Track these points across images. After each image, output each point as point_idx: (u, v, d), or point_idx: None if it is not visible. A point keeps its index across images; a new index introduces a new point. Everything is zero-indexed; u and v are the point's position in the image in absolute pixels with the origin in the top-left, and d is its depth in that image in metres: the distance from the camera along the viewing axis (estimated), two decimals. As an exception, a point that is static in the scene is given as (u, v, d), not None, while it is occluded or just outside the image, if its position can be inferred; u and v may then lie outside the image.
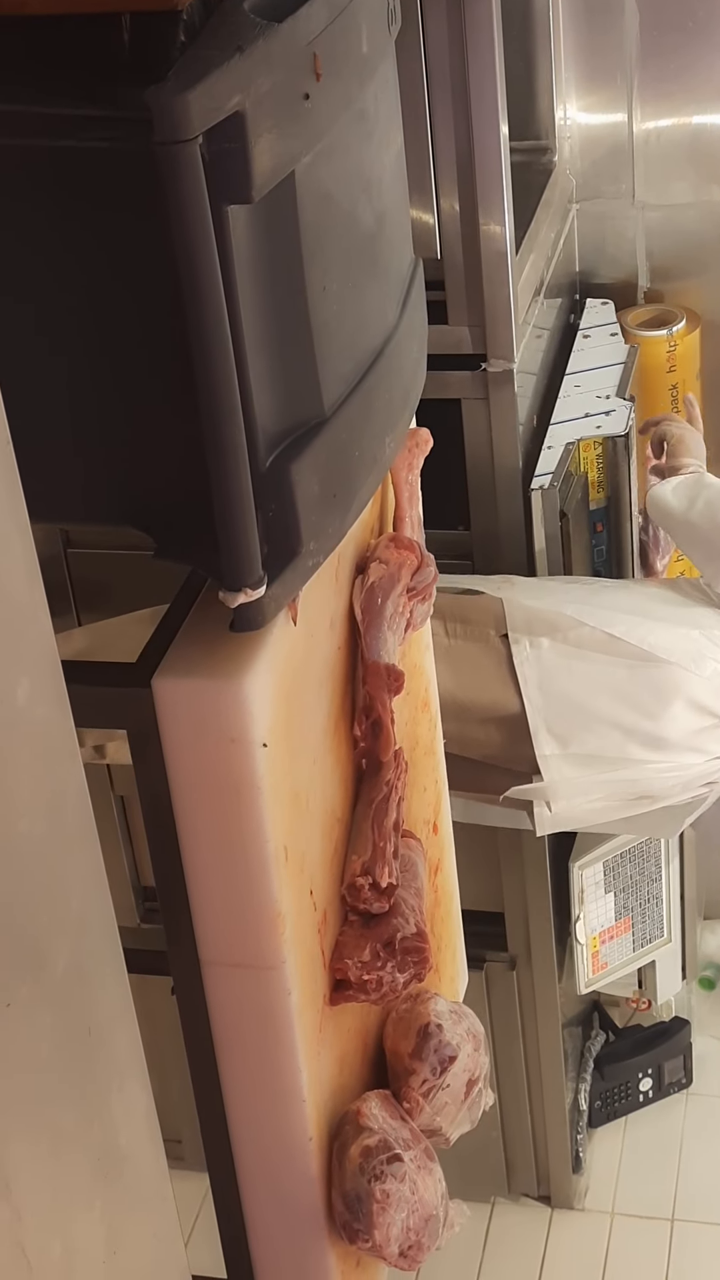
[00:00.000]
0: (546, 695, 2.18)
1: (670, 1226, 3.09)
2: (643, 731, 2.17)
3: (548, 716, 2.18)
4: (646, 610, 2.24)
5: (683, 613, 2.24)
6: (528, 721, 2.18)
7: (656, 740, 2.18)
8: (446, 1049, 1.67)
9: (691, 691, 2.16)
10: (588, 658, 2.18)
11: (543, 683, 2.18)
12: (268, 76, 1.17)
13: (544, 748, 2.19)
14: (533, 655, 2.18)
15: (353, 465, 1.41)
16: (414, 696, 1.79)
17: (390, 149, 1.46)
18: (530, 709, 2.18)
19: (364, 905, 1.56)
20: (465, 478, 2.41)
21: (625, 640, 2.16)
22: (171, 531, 1.31)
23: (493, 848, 2.62)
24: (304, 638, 1.43)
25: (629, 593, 2.33)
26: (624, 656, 2.17)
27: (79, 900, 1.13)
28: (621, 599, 2.28)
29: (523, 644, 2.19)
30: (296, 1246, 1.61)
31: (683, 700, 2.16)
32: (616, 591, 2.33)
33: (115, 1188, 1.21)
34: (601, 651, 2.18)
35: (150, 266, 1.19)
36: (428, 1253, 1.63)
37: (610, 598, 2.28)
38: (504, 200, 2.22)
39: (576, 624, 2.19)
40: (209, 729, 1.34)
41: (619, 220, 2.84)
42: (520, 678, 2.18)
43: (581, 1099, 3.09)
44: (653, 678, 2.16)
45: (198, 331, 1.18)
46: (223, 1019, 1.49)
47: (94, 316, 1.24)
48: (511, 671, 2.19)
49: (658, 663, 2.16)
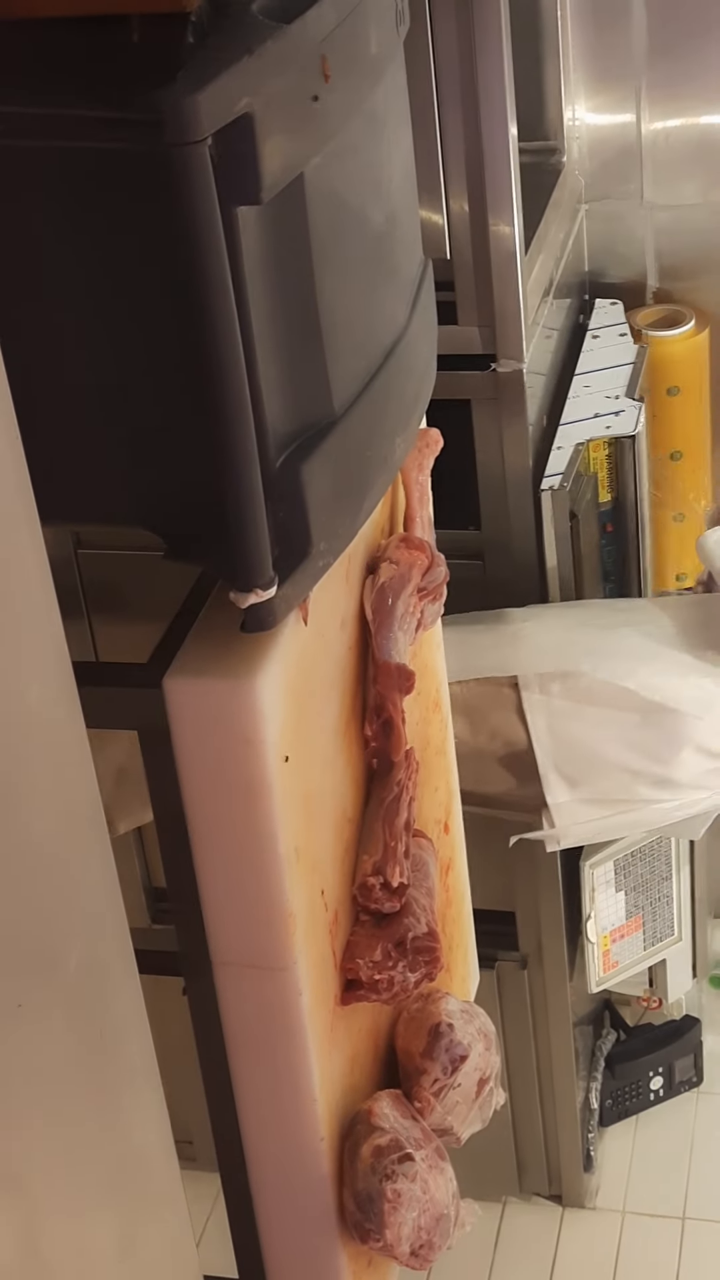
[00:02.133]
0: (556, 739, 2.20)
1: (682, 1225, 3.09)
2: (652, 774, 2.19)
3: (557, 759, 2.20)
4: (657, 655, 2.24)
5: (693, 658, 2.23)
6: (537, 764, 2.20)
7: (665, 782, 2.20)
8: (458, 1048, 1.67)
9: (701, 738, 2.18)
10: (597, 704, 2.19)
11: (552, 726, 2.20)
12: (277, 78, 1.17)
13: (554, 794, 2.21)
14: (542, 701, 2.20)
15: (363, 466, 1.41)
16: (425, 696, 1.79)
17: (399, 150, 1.46)
18: (540, 751, 2.20)
19: (375, 905, 1.56)
20: (475, 478, 2.41)
21: (636, 693, 2.18)
22: (182, 532, 1.31)
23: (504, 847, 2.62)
24: (315, 638, 1.43)
25: (641, 631, 2.31)
26: (633, 706, 2.18)
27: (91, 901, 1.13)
28: (634, 642, 2.27)
29: (533, 689, 2.20)
30: (308, 1246, 1.61)
31: (692, 746, 2.18)
32: (629, 632, 2.31)
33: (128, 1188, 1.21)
34: (611, 699, 2.19)
35: (160, 268, 1.19)
36: (439, 1252, 1.63)
37: (621, 641, 2.27)
38: (513, 201, 2.22)
39: (587, 675, 2.20)
40: (220, 729, 1.35)
41: (628, 220, 2.84)
42: (530, 723, 2.20)
43: (592, 1098, 3.09)
44: (663, 724, 2.18)
45: (208, 332, 1.18)
46: (234, 1020, 1.49)
47: (104, 318, 1.24)
48: (521, 716, 2.21)
49: (667, 711, 2.17)
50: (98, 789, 1.15)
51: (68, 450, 1.30)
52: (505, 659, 2.23)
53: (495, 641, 2.24)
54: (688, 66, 2.69)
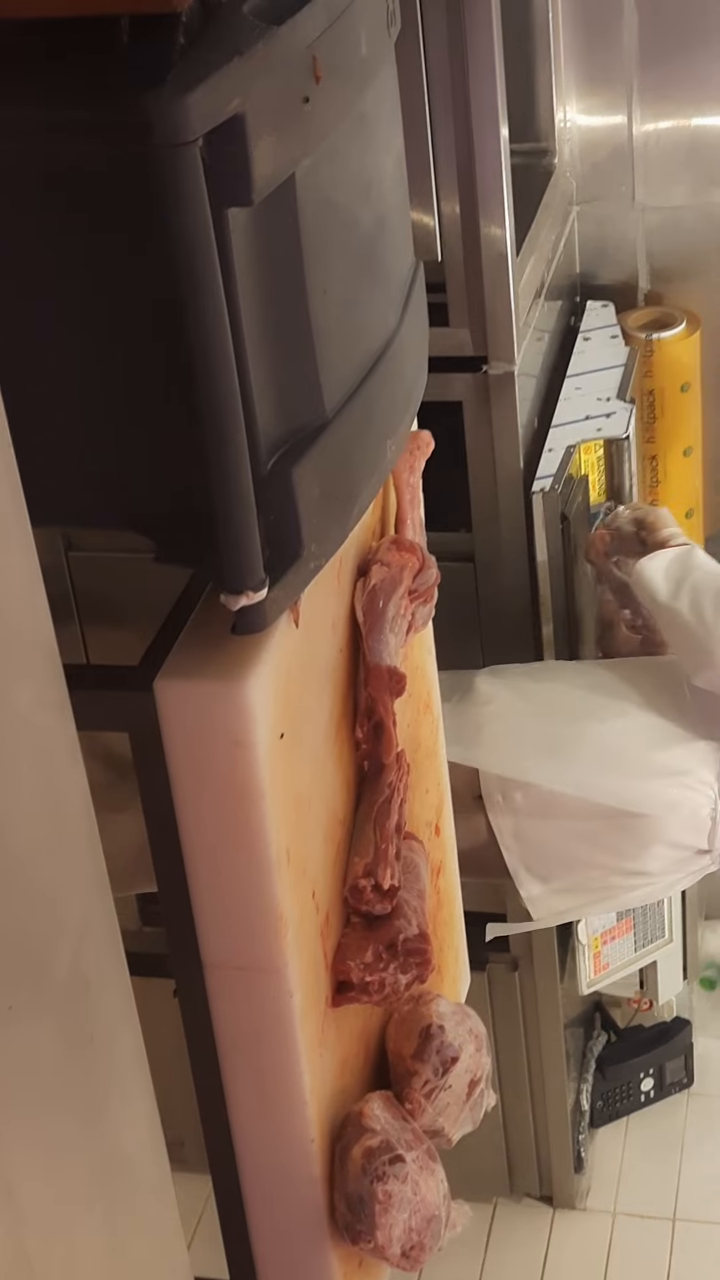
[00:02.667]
0: (523, 843, 2.19)
1: (672, 1226, 3.10)
2: (624, 869, 2.19)
3: (526, 860, 2.20)
4: (620, 757, 2.19)
5: (662, 756, 2.18)
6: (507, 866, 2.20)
7: (637, 874, 2.20)
8: (449, 1050, 1.67)
9: (669, 834, 2.16)
10: (561, 817, 2.18)
11: (519, 832, 2.19)
12: (267, 79, 1.17)
13: (527, 888, 2.21)
14: (506, 807, 2.18)
15: (354, 468, 1.41)
16: (416, 699, 1.79)
17: (390, 152, 1.46)
18: (508, 855, 2.19)
19: (366, 907, 1.56)
20: (467, 480, 2.41)
21: (601, 803, 2.15)
22: (173, 535, 1.31)
23: (494, 849, 2.62)
24: (306, 640, 1.43)
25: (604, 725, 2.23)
26: (599, 814, 2.16)
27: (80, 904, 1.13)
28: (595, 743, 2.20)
29: (495, 794, 2.19)
30: (299, 1248, 1.61)
31: (662, 843, 2.17)
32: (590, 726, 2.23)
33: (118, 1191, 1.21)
34: (575, 811, 2.17)
35: (150, 270, 1.19)
36: (430, 1253, 1.63)
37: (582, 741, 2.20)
38: (504, 203, 2.22)
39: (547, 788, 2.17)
40: (211, 731, 1.35)
41: (619, 222, 2.84)
42: (496, 828, 2.18)
43: (583, 1099, 3.09)
44: (630, 828, 2.16)
45: (198, 335, 1.18)
46: (225, 1021, 1.49)
47: (94, 320, 1.24)
48: (488, 823, 2.20)
49: (634, 815, 2.15)
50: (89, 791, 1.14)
51: (58, 453, 1.30)
52: (466, 749, 2.19)
53: (457, 727, 2.15)
54: (679, 68, 2.70)
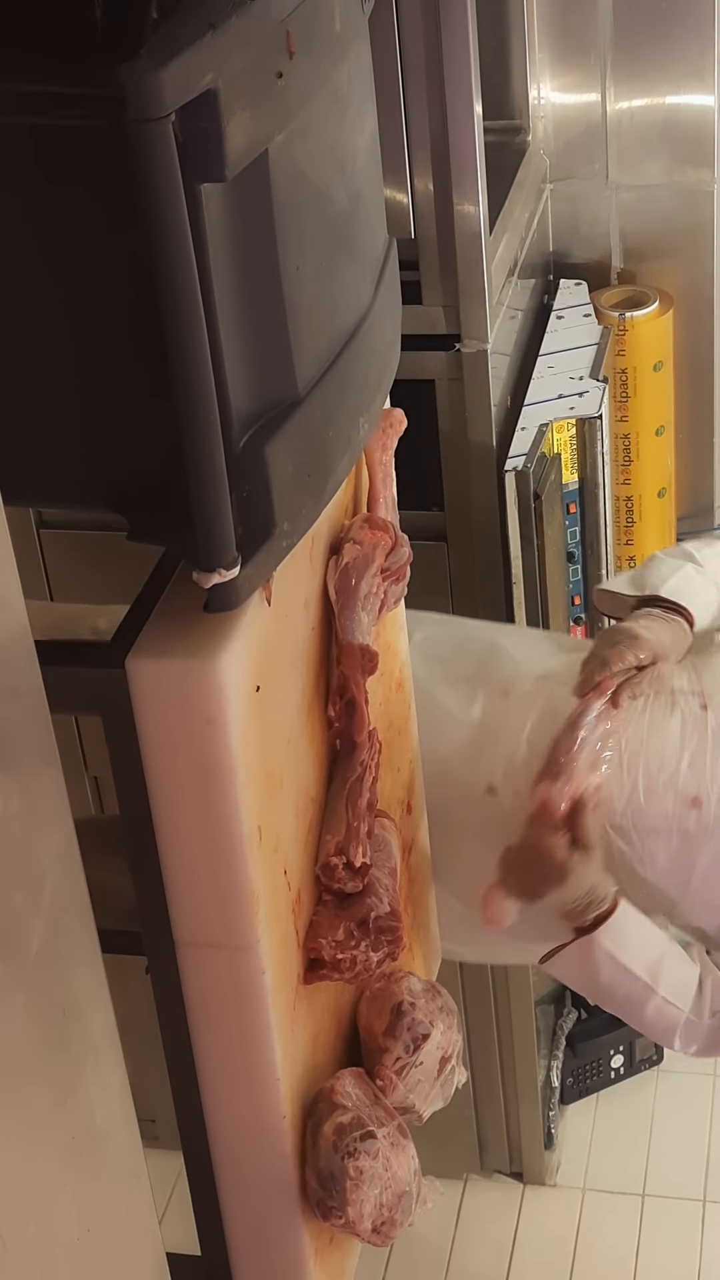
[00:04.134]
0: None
1: (641, 1202, 3.12)
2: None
3: None
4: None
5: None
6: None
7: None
8: (420, 1027, 1.67)
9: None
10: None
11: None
12: (241, 54, 1.16)
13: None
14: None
15: (327, 446, 1.41)
16: (388, 677, 1.79)
17: (364, 128, 1.45)
18: None
19: (338, 885, 1.57)
20: (439, 459, 2.41)
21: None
22: (145, 512, 1.30)
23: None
24: (278, 618, 1.43)
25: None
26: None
27: (53, 881, 1.13)
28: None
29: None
30: (270, 1224, 1.62)
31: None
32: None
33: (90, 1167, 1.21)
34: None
35: (122, 245, 1.18)
36: (401, 1229, 1.64)
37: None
38: (478, 180, 2.21)
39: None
40: (183, 709, 1.34)
41: (592, 201, 2.84)
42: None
43: (554, 1076, 3.11)
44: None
45: (171, 311, 1.18)
46: (197, 999, 1.49)
47: (66, 296, 1.23)
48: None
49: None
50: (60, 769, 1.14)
51: (29, 430, 1.29)
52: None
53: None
54: (653, 46, 2.69)
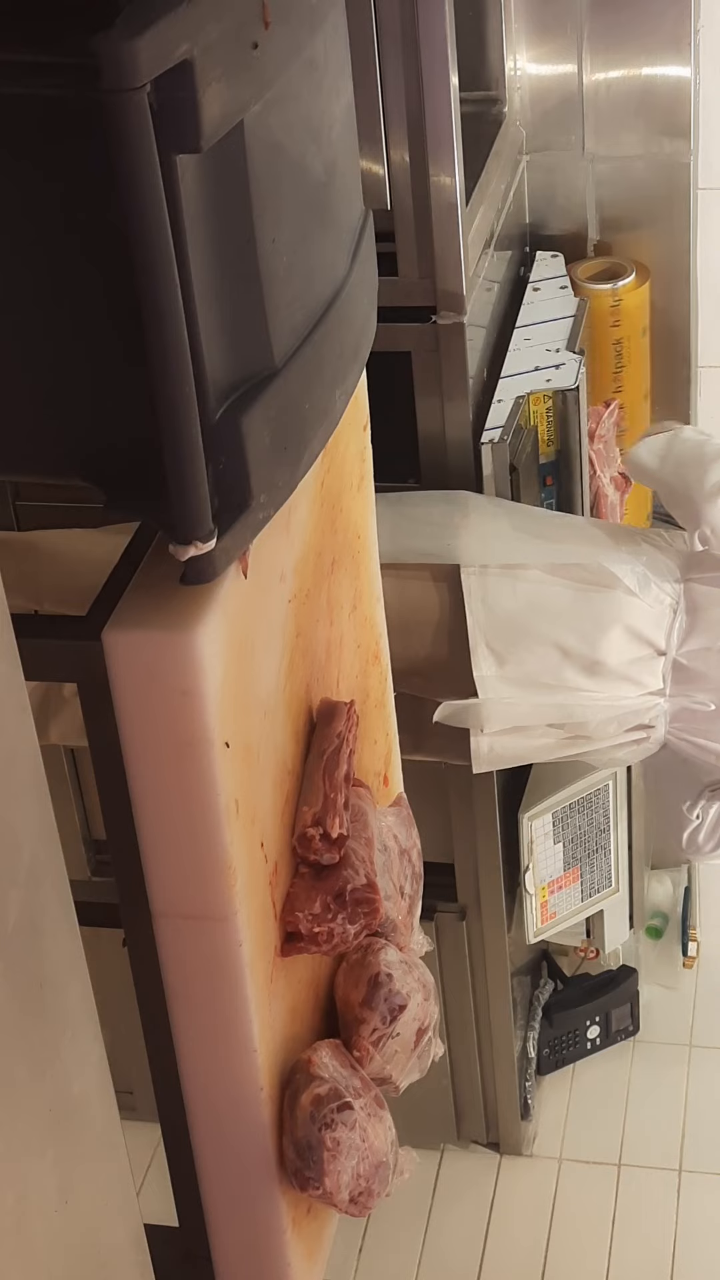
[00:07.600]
0: (490, 611, 2.23)
1: (617, 1172, 3.14)
2: (580, 655, 2.22)
3: (488, 632, 2.23)
4: (595, 539, 2.32)
5: (634, 548, 2.31)
6: (468, 635, 2.22)
7: (593, 665, 2.22)
8: (396, 998, 1.68)
9: (631, 618, 2.22)
10: (532, 579, 2.24)
11: (487, 598, 2.23)
12: (216, 24, 1.16)
13: (481, 667, 2.23)
14: (478, 572, 2.23)
15: (303, 417, 1.41)
16: (365, 649, 1.79)
17: (340, 99, 1.45)
18: (472, 621, 2.22)
19: (315, 856, 1.57)
20: (415, 431, 2.40)
21: (572, 568, 2.23)
22: (121, 484, 1.30)
23: (443, 800, 2.64)
24: (255, 590, 1.43)
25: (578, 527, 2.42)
26: (568, 579, 2.22)
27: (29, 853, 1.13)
28: (573, 532, 2.37)
29: (472, 569, 2.24)
30: (248, 1195, 1.63)
31: (622, 626, 2.22)
32: (568, 527, 2.40)
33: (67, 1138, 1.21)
34: (546, 574, 2.24)
35: (98, 216, 1.18)
36: (378, 1199, 1.65)
37: (561, 530, 2.36)
38: (454, 151, 2.20)
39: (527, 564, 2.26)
40: (159, 681, 1.34)
41: (569, 172, 2.83)
42: (465, 589, 2.23)
43: (530, 1047, 3.12)
44: (594, 601, 2.22)
45: (147, 282, 1.17)
46: (174, 971, 1.49)
47: (41, 266, 1.23)
48: (456, 587, 2.23)
49: (600, 588, 2.21)
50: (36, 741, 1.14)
51: (3, 400, 1.29)
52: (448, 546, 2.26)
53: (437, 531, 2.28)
54: (630, 17, 2.68)
